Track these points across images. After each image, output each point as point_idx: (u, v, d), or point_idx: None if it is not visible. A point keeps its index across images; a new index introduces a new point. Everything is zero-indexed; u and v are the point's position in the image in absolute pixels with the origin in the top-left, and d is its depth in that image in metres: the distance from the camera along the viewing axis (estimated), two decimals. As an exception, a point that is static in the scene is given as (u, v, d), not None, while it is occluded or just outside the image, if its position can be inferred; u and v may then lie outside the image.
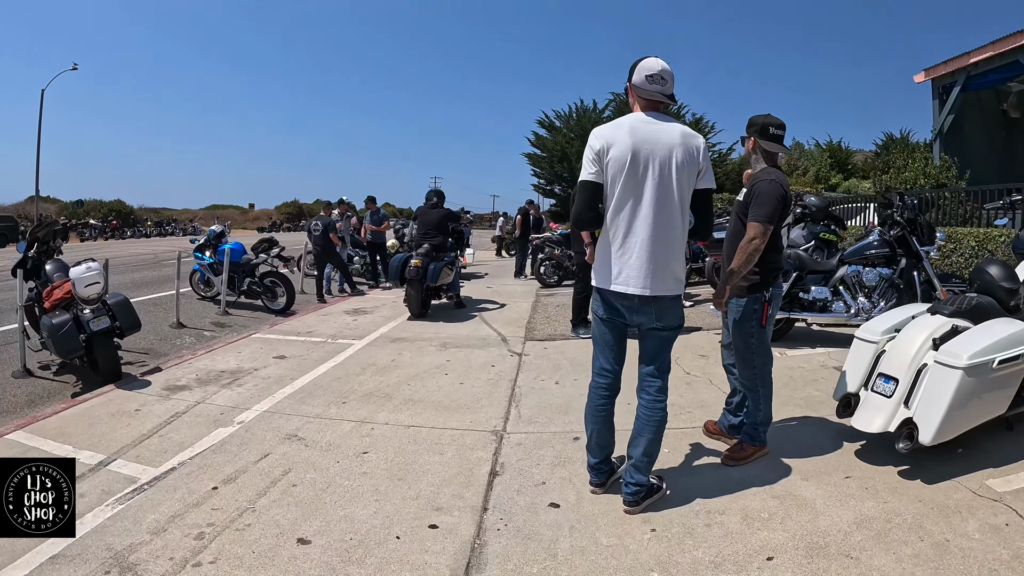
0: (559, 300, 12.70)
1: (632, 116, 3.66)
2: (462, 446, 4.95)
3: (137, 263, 22.56)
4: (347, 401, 6.14)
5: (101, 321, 6.97)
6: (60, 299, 7.20)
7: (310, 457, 4.77)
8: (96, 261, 7.39)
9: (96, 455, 4.87)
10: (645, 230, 3.53)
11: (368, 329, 9.83)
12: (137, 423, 5.59)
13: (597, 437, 3.97)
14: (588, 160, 3.63)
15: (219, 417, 5.70)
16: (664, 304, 3.64)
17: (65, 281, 7.39)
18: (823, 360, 7.34)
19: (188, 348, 9.09)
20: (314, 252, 14.39)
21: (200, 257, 13.17)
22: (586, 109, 52.40)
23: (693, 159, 3.55)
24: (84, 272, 7.11)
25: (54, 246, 8.41)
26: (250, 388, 6.61)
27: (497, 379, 6.87)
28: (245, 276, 12.42)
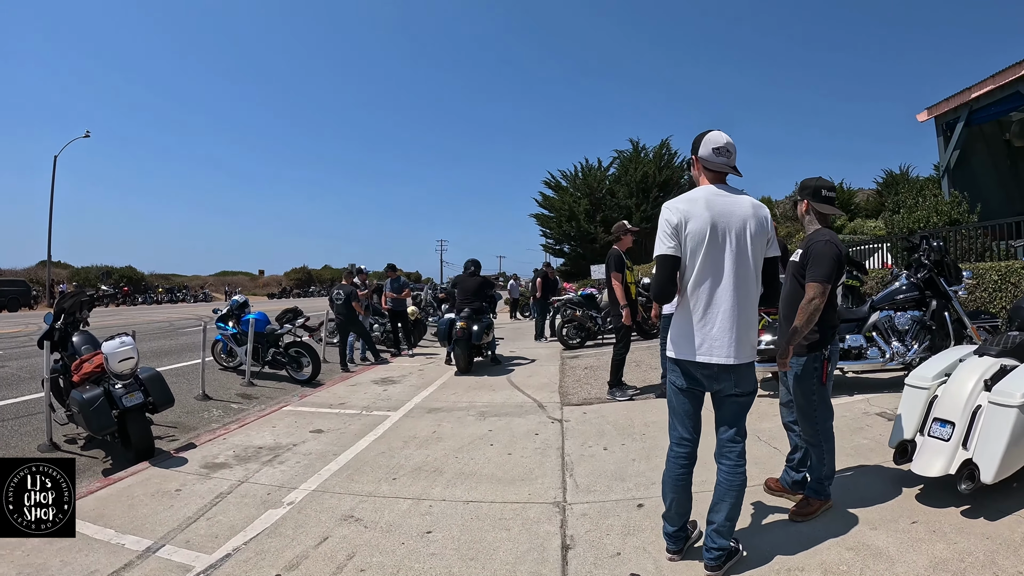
0: (585, 362, 12.56)
1: (704, 189, 3.73)
2: (527, 520, 4.73)
3: (153, 331, 22.42)
4: (397, 477, 5.87)
5: (134, 396, 6.77)
6: (90, 373, 6.99)
7: (372, 539, 4.50)
8: (129, 335, 7.21)
9: (142, 540, 4.61)
10: (727, 300, 3.59)
11: (401, 399, 9.58)
12: (180, 504, 5.32)
13: (677, 506, 3.87)
14: (665, 234, 3.66)
15: (267, 497, 5.42)
16: (742, 371, 3.67)
17: (95, 354, 7.21)
18: (864, 407, 7.24)
19: (217, 421, 8.85)
20: (336, 321, 14.26)
21: (223, 327, 13.01)
22: (591, 168, 53.17)
23: (764, 229, 3.68)
24: (118, 347, 6.91)
25: (80, 317, 8.28)
26: (293, 465, 6.34)
27: (544, 448, 6.64)
28: (269, 346, 12.26)
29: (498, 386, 10.48)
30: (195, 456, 6.77)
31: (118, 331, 7.41)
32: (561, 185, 54.00)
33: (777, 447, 5.88)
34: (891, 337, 7.91)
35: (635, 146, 52.29)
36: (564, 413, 8.17)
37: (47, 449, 7.34)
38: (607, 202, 49.70)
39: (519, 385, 10.45)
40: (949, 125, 18.19)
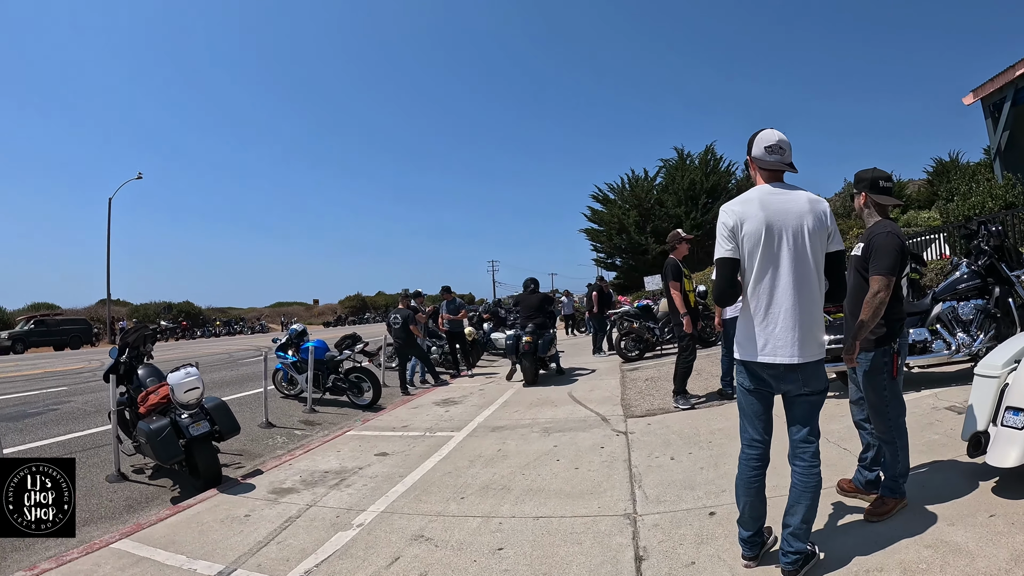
0: (646, 374, 12.46)
1: (759, 189, 3.75)
2: (598, 533, 4.67)
3: (213, 363, 22.69)
4: (465, 496, 5.84)
5: (200, 426, 6.88)
6: (156, 404, 7.11)
7: (443, 557, 4.48)
8: (193, 366, 7.34)
9: (214, 565, 4.64)
10: (787, 299, 3.57)
11: (463, 419, 9.57)
12: (250, 529, 5.35)
13: (751, 510, 3.81)
14: (723, 237, 3.68)
15: (336, 520, 5.43)
16: (809, 370, 3.63)
17: (160, 386, 7.35)
18: (932, 402, 7.07)
19: (282, 448, 8.96)
20: (395, 345, 14.31)
21: (283, 356, 13.16)
22: (638, 179, 53.23)
23: (822, 224, 3.63)
24: (183, 378, 7.06)
25: (144, 351, 8.43)
26: (360, 488, 6.35)
27: (611, 460, 6.57)
28: (329, 373, 12.34)
29: (560, 402, 10.42)
30: (262, 482, 6.83)
31: (177, 364, 7.52)
32: (609, 198, 54.10)
33: (847, 448, 5.76)
34: (955, 328, 7.73)
35: (680, 154, 52.29)
36: (628, 425, 8.09)
37: (115, 479, 7.50)
38: (656, 212, 49.61)
39: (581, 400, 10.38)
40: (996, 106, 17.87)
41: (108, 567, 4.80)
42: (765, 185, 3.72)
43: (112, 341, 48.23)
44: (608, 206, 53.53)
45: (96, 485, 7.39)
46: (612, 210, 52.43)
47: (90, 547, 5.28)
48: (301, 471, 7.17)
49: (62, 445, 9.37)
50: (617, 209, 51.96)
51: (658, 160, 56.04)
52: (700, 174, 48.93)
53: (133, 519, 6.29)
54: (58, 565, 4.95)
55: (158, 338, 51.18)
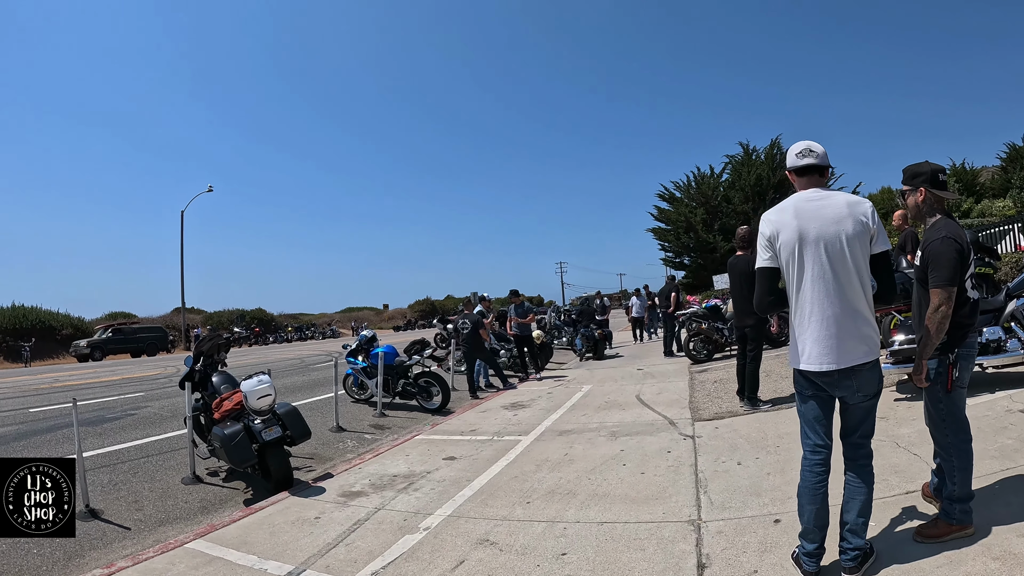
0: (714, 376, 12.39)
1: (795, 197, 3.81)
2: (661, 539, 4.70)
3: (285, 368, 23.17)
4: (531, 501, 5.94)
5: (273, 431, 7.17)
6: (230, 410, 7.44)
7: (508, 562, 4.59)
8: (266, 374, 7.62)
9: (284, 566, 4.85)
10: (828, 305, 3.61)
11: (531, 423, 9.66)
12: (320, 531, 5.56)
13: (816, 519, 3.77)
14: (761, 247, 3.77)
15: (403, 523, 5.59)
16: (862, 374, 3.64)
17: (234, 392, 7.66)
18: (1006, 404, 6.85)
19: (352, 452, 9.19)
20: (463, 349, 14.51)
21: (353, 362, 13.43)
22: (704, 176, 52.60)
23: (863, 226, 3.62)
24: (256, 385, 7.34)
25: (218, 359, 8.81)
26: (427, 492, 6.51)
27: (677, 465, 6.59)
28: (399, 378, 12.58)
29: (628, 405, 10.45)
30: (332, 485, 7.06)
31: (252, 369, 7.80)
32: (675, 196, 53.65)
33: (917, 453, 5.67)
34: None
35: (745, 149, 51.54)
36: (695, 429, 8.09)
37: (190, 481, 7.86)
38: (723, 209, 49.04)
39: (649, 403, 10.39)
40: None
41: (182, 566, 5.05)
42: (802, 192, 3.78)
43: (187, 348, 49.55)
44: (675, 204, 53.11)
45: (172, 487, 7.76)
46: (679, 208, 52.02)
47: (165, 546, 5.56)
48: (370, 475, 7.38)
49: (139, 448, 9.77)
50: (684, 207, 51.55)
51: (723, 156, 55.35)
52: (767, 169, 48.21)
53: (207, 520, 6.58)
54: (134, 564, 5.22)
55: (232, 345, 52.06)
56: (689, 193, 52.57)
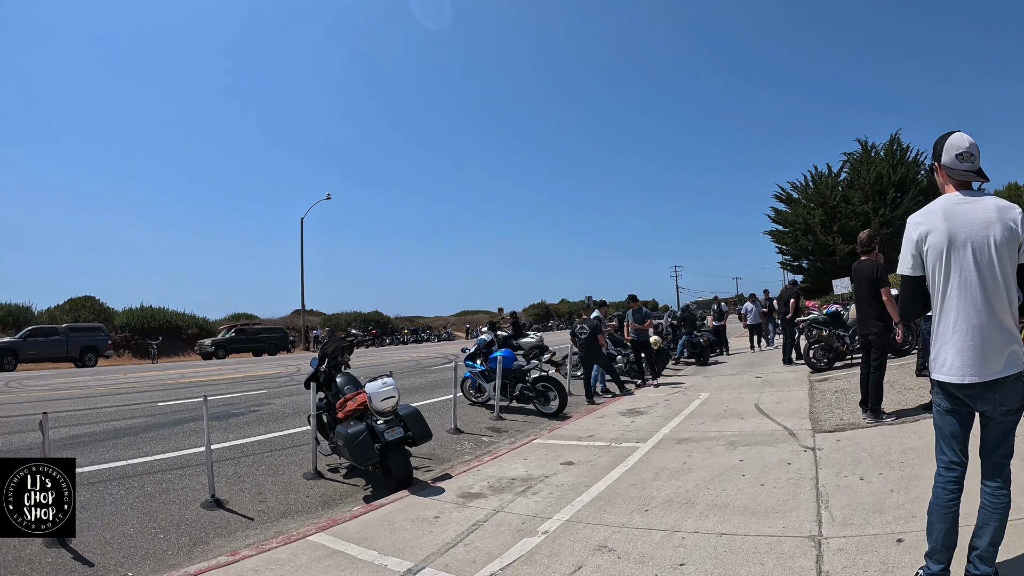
0: (835, 385, 12.01)
1: (944, 199, 3.62)
2: (781, 554, 4.57)
3: (402, 370, 23.54)
4: (649, 509, 5.87)
5: (395, 431, 7.33)
6: (353, 410, 7.65)
7: (625, 569, 4.53)
8: (390, 376, 7.80)
9: (404, 562, 4.92)
10: (972, 315, 3.43)
11: (649, 431, 9.57)
12: (439, 531, 5.62)
13: (945, 538, 3.61)
14: (907, 252, 3.63)
15: (521, 527, 5.61)
16: (1006, 387, 3.43)
17: (358, 393, 7.87)
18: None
19: (470, 453, 9.32)
20: (580, 354, 14.48)
21: (472, 365, 13.61)
22: (821, 175, 51.42)
23: (1012, 232, 3.43)
24: (380, 387, 7.54)
25: (342, 360, 9.04)
26: (546, 496, 6.52)
27: (797, 478, 6.41)
28: (517, 381, 12.65)
29: (747, 414, 10.26)
30: (451, 486, 7.15)
31: (370, 371, 7.97)
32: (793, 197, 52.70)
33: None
34: None
35: (864, 146, 50.24)
36: (816, 441, 7.86)
37: (312, 477, 8.13)
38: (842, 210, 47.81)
39: (768, 412, 10.18)
40: None
41: (304, 557, 5.19)
42: (952, 194, 3.60)
43: (306, 348, 51.15)
44: (792, 206, 52.15)
45: (294, 481, 8.01)
46: (796, 210, 51.08)
47: (288, 538, 5.74)
48: (489, 477, 7.45)
49: (262, 443, 10.16)
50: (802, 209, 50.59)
51: (841, 154, 53.87)
52: (886, 166, 46.86)
53: (327, 514, 6.75)
54: (257, 552, 5.40)
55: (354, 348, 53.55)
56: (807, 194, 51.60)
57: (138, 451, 9.73)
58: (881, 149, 49.79)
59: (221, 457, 8.69)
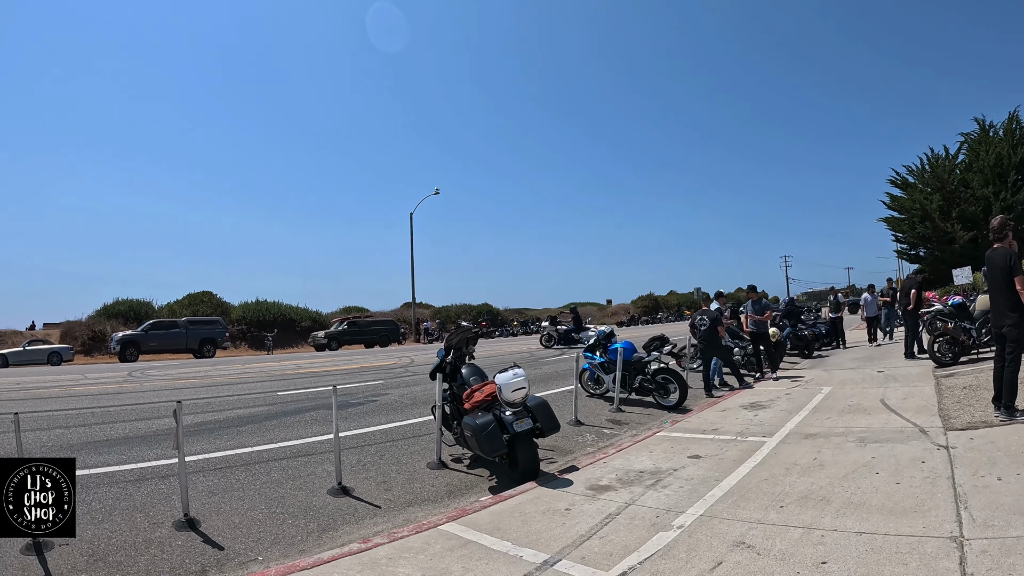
0: (963, 381, 11.47)
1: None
2: (924, 555, 4.39)
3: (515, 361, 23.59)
4: (784, 505, 5.72)
5: (524, 422, 7.32)
6: (480, 401, 7.69)
7: (766, 567, 4.42)
8: (520, 368, 7.80)
9: (539, 553, 4.90)
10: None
11: (774, 425, 9.37)
12: (571, 522, 5.59)
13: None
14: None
15: (655, 520, 5.52)
16: None
17: (486, 384, 7.93)
18: None
19: (592, 445, 9.25)
20: (699, 346, 14.24)
21: (591, 357, 13.48)
22: (938, 158, 49.47)
23: None
24: (511, 378, 7.56)
25: (466, 351, 9.10)
26: (676, 490, 6.42)
27: (933, 477, 6.15)
28: (636, 374, 12.54)
29: (873, 410, 9.94)
30: (579, 478, 7.11)
31: (482, 362, 7.99)
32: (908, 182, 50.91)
33: None
34: None
35: (981, 125, 48.11)
36: (948, 439, 7.54)
37: (436, 467, 8.22)
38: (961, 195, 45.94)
39: (895, 408, 9.83)
40: None
41: (437, 546, 5.22)
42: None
43: (417, 340, 52.02)
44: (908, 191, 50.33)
45: (418, 471, 8.10)
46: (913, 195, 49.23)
47: (419, 527, 5.78)
48: (616, 469, 7.38)
49: (384, 433, 10.33)
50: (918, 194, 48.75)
51: (958, 135, 51.69)
52: (1006, 147, 44.69)
53: (454, 504, 6.81)
54: (390, 540, 5.46)
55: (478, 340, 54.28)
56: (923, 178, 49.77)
57: (262, 438, 10.00)
58: (1000, 128, 47.57)
59: (344, 445, 8.81)
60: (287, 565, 5.08)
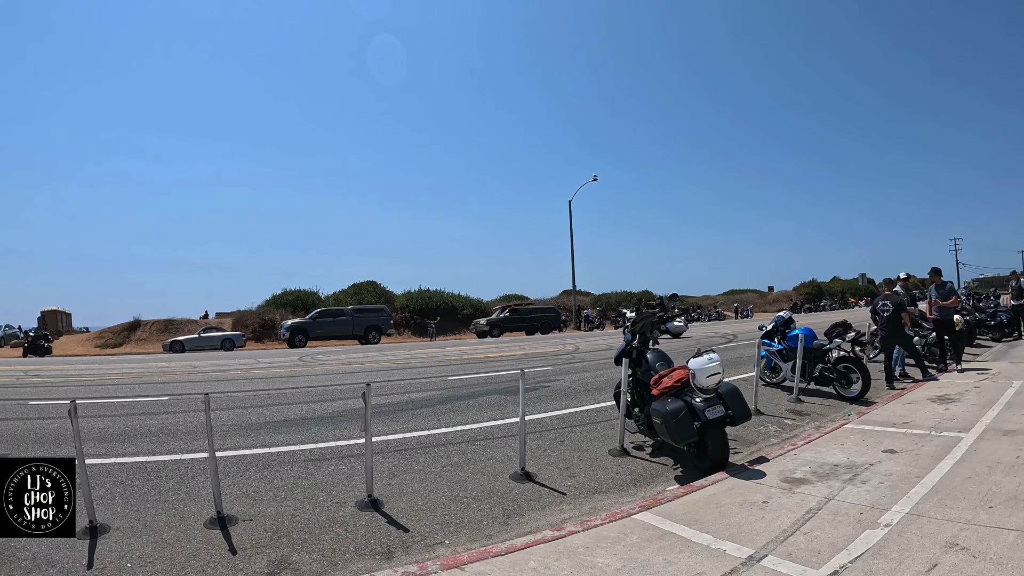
0: None
1: None
2: None
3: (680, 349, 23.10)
4: (993, 506, 5.39)
5: (716, 410, 7.08)
6: (669, 387, 7.50)
7: (984, 570, 4.17)
8: (715, 352, 7.54)
9: (743, 548, 4.78)
10: None
11: (968, 420, 8.87)
12: (771, 516, 5.43)
13: None
14: None
15: (860, 517, 5.29)
16: None
17: (675, 369, 7.76)
18: None
19: (775, 436, 9.04)
20: (880, 334, 13.57)
21: (768, 344, 13.16)
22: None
23: None
24: (706, 363, 7.31)
25: (651, 336, 8.93)
26: (876, 486, 6.14)
27: None
28: (816, 362, 12.12)
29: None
30: (771, 470, 6.90)
31: (703, 349, 7.72)
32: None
33: None
34: None
35: None
36: None
37: (618, 454, 8.20)
38: None
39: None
40: None
41: (634, 537, 5.15)
42: None
43: (577, 327, 52.38)
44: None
45: (600, 458, 8.09)
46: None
47: (612, 515, 5.74)
48: (809, 462, 7.13)
49: (560, 418, 10.44)
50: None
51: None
52: None
53: (640, 493, 6.77)
54: (583, 529, 5.43)
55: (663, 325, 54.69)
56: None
57: (438, 422, 10.25)
58: None
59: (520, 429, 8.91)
60: (479, 550, 5.11)
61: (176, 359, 30.12)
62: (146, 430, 10.09)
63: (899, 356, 13.81)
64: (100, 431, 9.96)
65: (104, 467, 7.83)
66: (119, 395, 14.49)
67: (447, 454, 8.33)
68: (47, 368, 24.32)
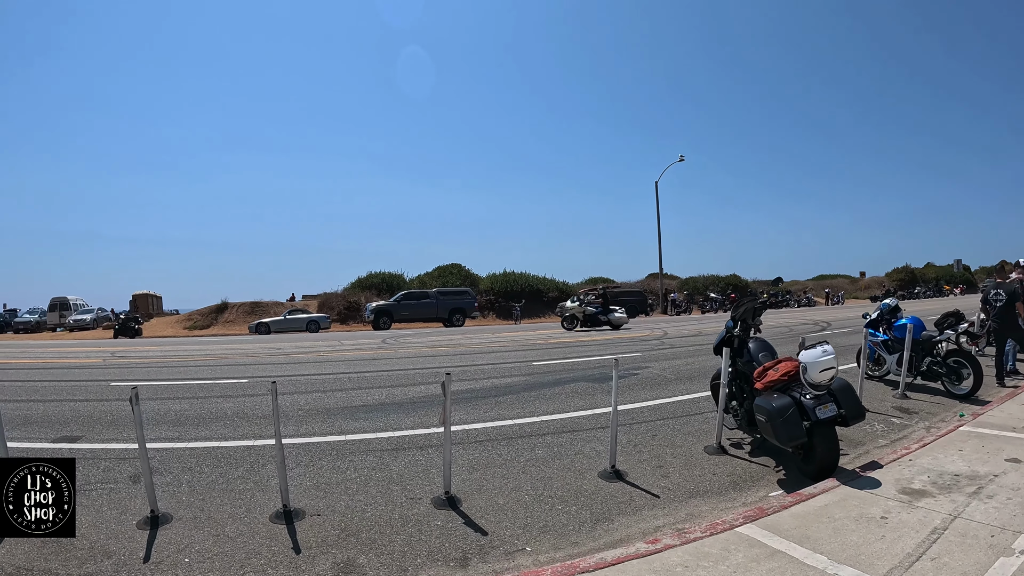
0: None
1: None
2: None
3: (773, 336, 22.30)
4: None
5: (827, 408, 6.44)
6: (775, 380, 6.84)
7: None
8: (829, 344, 6.82)
9: (861, 574, 4.23)
10: None
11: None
12: (891, 535, 4.85)
13: None
14: None
15: (991, 540, 4.68)
16: None
17: (780, 361, 7.14)
18: None
19: (883, 436, 8.39)
20: (992, 325, 12.61)
21: (873, 334, 12.30)
22: None
23: None
24: (820, 356, 6.60)
25: (752, 323, 8.30)
26: (1004, 501, 5.48)
27: None
28: (924, 355, 11.29)
29: None
30: (886, 478, 6.24)
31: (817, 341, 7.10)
32: None
33: None
34: None
35: None
36: None
37: (714, 451, 7.65)
38: None
39: None
40: None
41: (740, 556, 4.64)
42: None
43: (664, 311, 51.77)
44: None
45: (695, 455, 7.58)
46: None
47: (713, 527, 5.23)
48: (926, 469, 6.46)
49: (652, 410, 9.95)
50: None
51: None
52: None
53: (741, 498, 6.25)
54: (682, 543, 4.94)
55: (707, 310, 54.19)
56: None
57: (522, 411, 9.90)
58: None
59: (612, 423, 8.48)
60: (565, 565, 4.68)
61: (260, 340, 30.81)
62: (222, 413, 10.05)
63: (1011, 350, 12.88)
64: (176, 414, 9.96)
65: (175, 452, 7.77)
66: (200, 376, 14.64)
67: (531, 447, 7.94)
68: (134, 349, 24.81)
